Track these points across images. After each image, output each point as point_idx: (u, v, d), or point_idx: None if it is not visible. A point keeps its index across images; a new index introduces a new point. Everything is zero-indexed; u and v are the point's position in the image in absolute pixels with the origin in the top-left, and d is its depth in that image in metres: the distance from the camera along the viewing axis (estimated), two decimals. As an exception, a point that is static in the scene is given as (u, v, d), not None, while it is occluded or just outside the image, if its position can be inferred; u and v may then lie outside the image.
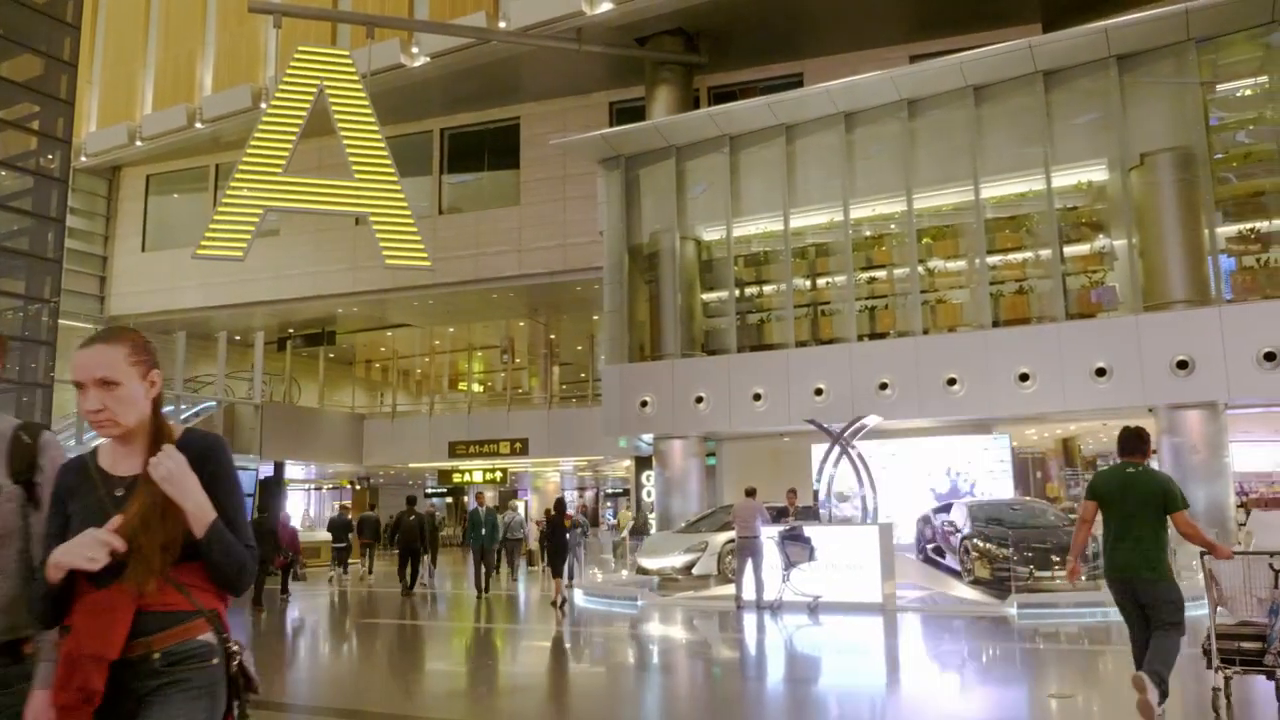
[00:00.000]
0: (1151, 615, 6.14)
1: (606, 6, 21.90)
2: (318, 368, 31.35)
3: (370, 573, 23.06)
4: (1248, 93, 17.10)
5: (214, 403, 25.41)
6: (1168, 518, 6.14)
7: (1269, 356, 15.21)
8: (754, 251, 20.67)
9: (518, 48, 23.10)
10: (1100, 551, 13.62)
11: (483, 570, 17.56)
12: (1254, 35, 16.47)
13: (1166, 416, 16.26)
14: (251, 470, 24.08)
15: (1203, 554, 6.36)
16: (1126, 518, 6.21)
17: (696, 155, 20.80)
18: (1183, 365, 15.76)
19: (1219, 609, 6.35)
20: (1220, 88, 17.10)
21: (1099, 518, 6.46)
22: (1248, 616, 6.19)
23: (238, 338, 28.81)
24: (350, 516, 24.97)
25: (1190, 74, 16.69)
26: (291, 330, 31.02)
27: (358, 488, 37.79)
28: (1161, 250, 16.57)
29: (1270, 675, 6.01)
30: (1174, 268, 16.42)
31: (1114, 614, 12.60)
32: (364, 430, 30.31)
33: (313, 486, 38.10)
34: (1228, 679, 6.14)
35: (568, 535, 16.06)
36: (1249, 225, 16.72)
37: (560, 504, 16.02)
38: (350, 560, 23.35)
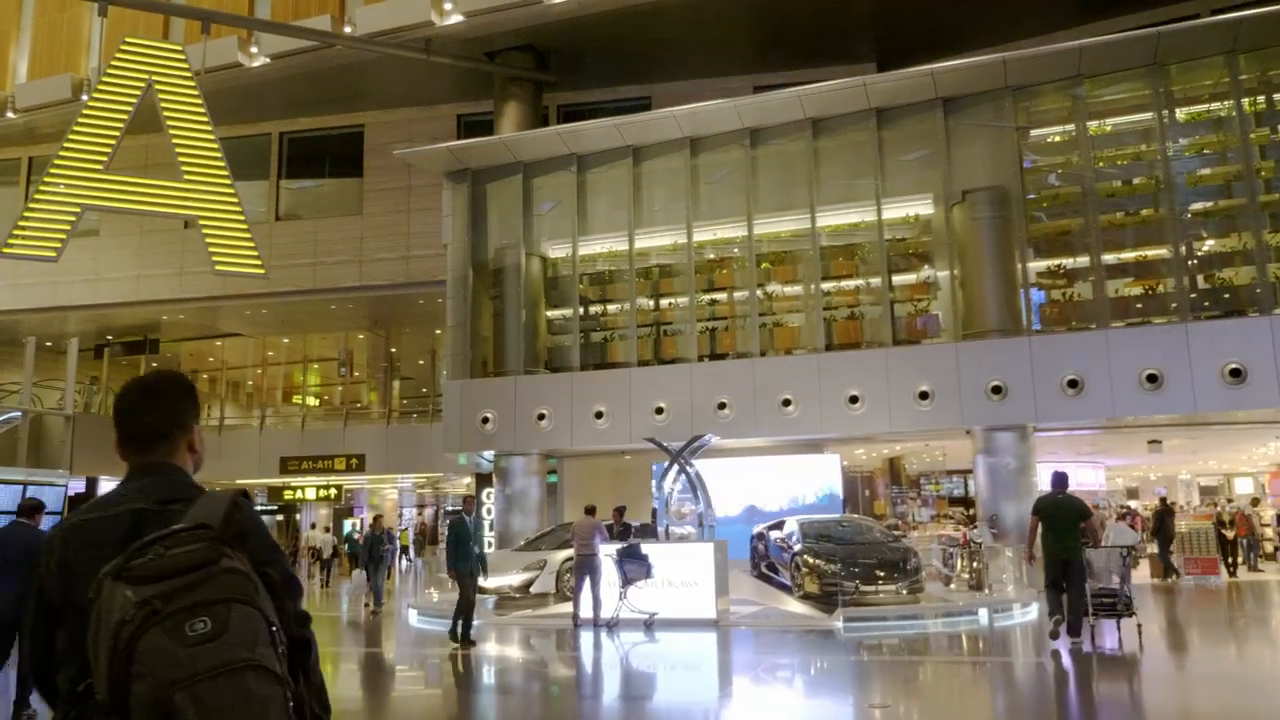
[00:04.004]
0: (1069, 579, 10.54)
1: (456, 18, 21.68)
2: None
3: None
4: (1057, 139, 18.49)
5: (18, 413, 23.55)
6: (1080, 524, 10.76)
7: (1072, 384, 16.41)
8: (599, 270, 20.83)
9: (364, 54, 22.59)
10: (919, 566, 14.73)
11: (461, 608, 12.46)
12: (1063, 87, 17.82)
13: (982, 438, 17.28)
14: (60, 486, 22.43)
15: (1085, 545, 10.69)
16: (1061, 525, 10.72)
17: (544, 172, 20.83)
18: (997, 390, 16.80)
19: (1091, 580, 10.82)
20: (1033, 133, 18.43)
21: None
22: (1107, 585, 10.76)
23: (49, 344, 26.88)
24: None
25: (1007, 119, 17.90)
26: (110, 337, 29.22)
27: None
28: (980, 282, 17.65)
29: (1119, 617, 10.83)
30: (990, 299, 17.52)
31: (932, 626, 13.38)
32: (188, 444, 28.75)
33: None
34: (1096, 618, 10.73)
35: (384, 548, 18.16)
36: (1056, 261, 18.04)
37: (378, 520, 18.98)
38: None
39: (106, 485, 28.30)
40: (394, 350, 31.38)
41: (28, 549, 7.93)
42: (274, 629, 1.69)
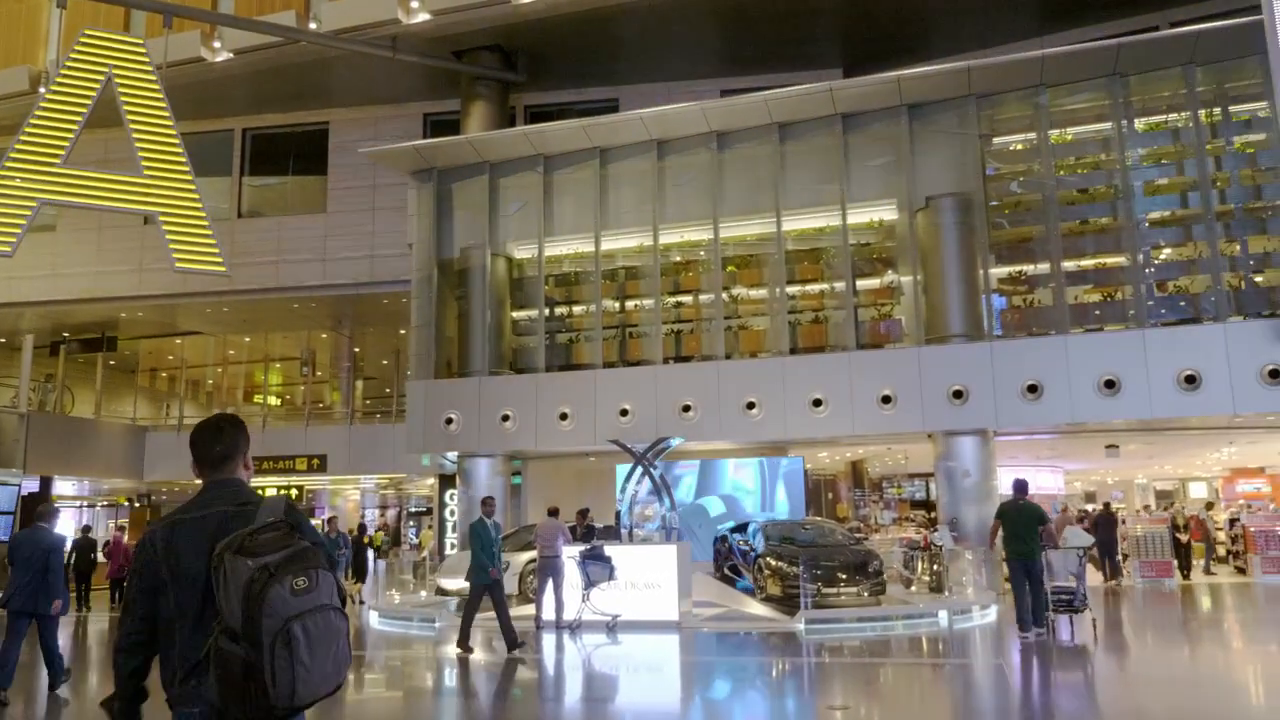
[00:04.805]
0: (1030, 578, 11.66)
1: (423, 17, 21.53)
2: (95, 375, 29.11)
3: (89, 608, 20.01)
4: (1019, 147, 18.70)
5: (-29, 411, 23.15)
6: (1039, 528, 11.83)
7: (1031, 389, 16.62)
8: (565, 271, 20.79)
9: (329, 51, 22.38)
10: (881, 569, 14.90)
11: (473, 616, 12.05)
12: (1025, 95, 18.05)
13: (943, 442, 17.45)
14: (13, 486, 22.05)
15: (1044, 548, 11.70)
16: (1022, 528, 11.78)
17: (511, 173, 20.77)
18: (958, 395, 16.97)
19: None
20: (996, 140, 18.64)
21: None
22: (1064, 583, 11.78)
23: (3, 340, 26.40)
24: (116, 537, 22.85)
25: (970, 126, 18.10)
26: (66, 334, 28.69)
27: (137, 505, 35.26)
28: (942, 287, 17.81)
29: (1075, 611, 11.82)
30: (952, 304, 17.68)
31: (896, 628, 13.50)
32: (145, 443, 28.35)
33: (85, 504, 35.26)
34: (1056, 613, 11.85)
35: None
36: (1018, 268, 18.25)
37: (363, 526, 19.35)
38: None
39: (61, 485, 27.88)
40: (357, 350, 31.11)
41: (40, 548, 9.11)
42: (339, 586, 2.61)
